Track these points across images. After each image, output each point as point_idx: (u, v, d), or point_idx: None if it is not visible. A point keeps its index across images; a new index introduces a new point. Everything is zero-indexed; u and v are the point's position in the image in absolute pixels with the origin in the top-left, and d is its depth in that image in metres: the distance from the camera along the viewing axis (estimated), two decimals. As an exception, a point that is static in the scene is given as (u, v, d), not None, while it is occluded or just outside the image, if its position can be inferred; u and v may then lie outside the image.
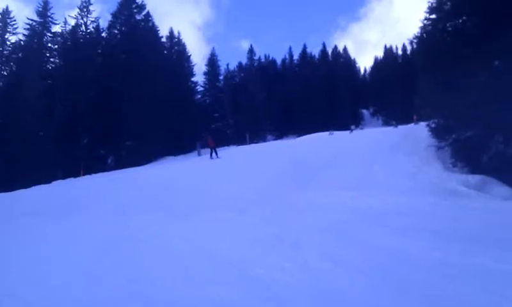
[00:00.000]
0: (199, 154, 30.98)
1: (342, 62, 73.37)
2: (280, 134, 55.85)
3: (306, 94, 56.52)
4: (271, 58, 69.40)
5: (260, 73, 59.41)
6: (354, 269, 4.46)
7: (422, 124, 14.66)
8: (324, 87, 57.29)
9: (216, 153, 22.44)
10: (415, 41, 12.59)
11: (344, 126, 36.88)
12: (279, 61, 70.39)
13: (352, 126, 38.70)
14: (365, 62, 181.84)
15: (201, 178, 13.76)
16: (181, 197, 10.99)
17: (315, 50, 76.70)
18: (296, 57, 69.10)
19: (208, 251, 5.66)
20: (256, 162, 14.64)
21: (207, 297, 3.93)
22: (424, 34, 11.98)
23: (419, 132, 14.58)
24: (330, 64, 66.99)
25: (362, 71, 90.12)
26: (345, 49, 79.83)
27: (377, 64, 79.13)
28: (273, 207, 8.53)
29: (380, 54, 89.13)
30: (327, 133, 31.26)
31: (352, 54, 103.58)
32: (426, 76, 11.88)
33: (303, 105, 55.52)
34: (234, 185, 11.32)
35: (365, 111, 74.34)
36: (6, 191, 21.17)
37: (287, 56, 70.06)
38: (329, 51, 72.43)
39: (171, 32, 53.93)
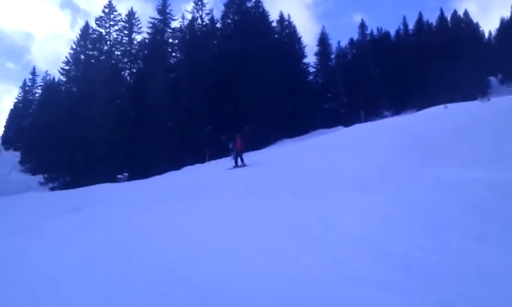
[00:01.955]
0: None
1: (463, 27, 67.07)
2: (397, 110, 53.15)
3: (423, 66, 52.77)
4: (383, 31, 65.90)
5: (373, 48, 56.96)
6: (504, 248, 4.15)
7: None
8: (443, 56, 52.90)
9: (242, 160, 17.91)
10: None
11: (468, 97, 33.80)
12: (392, 33, 66.74)
13: (483, 98, 35.14)
14: (489, 25, 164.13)
15: (320, 157, 13.64)
16: (302, 178, 11.02)
17: (432, 18, 71.34)
18: (411, 26, 64.97)
19: (340, 229, 5.69)
20: (374, 139, 14.06)
21: (348, 274, 3.96)
22: None
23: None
24: (450, 30, 61.68)
25: (487, 35, 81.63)
26: (466, 13, 72.87)
27: (504, 25, 70.95)
28: (398, 185, 8.18)
29: (507, 14, 79.53)
30: (442, 106, 29.07)
31: (474, 17, 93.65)
32: None
33: (420, 78, 51.99)
34: (354, 164, 11.04)
35: (492, 79, 67.25)
36: (143, 178, 23.50)
37: (401, 27, 66.04)
38: (448, 17, 66.89)
39: (281, 15, 54.23)
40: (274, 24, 51.26)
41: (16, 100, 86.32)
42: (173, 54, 46.51)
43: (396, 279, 3.71)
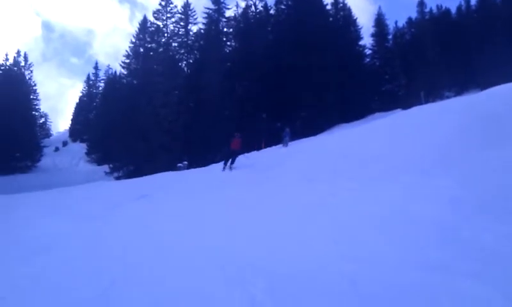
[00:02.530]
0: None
1: (531, 0, 62.38)
2: (459, 89, 50.56)
3: (487, 43, 49.74)
4: (444, 8, 62.78)
5: (432, 27, 54.41)
6: None
7: None
8: (509, 33, 49.51)
9: (233, 162, 16.78)
10: None
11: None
12: (453, 11, 63.39)
13: None
14: None
15: (378, 142, 13.26)
16: (361, 163, 10.72)
17: (495, -8, 66.79)
18: (473, 2, 61.39)
19: (407, 214, 5.53)
20: (435, 121, 13.42)
21: (420, 260, 3.88)
22: None
23: None
24: (516, 5, 57.68)
25: None
26: (534, -16, 67.76)
27: None
28: (463, 167, 7.69)
29: None
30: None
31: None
32: None
33: (484, 56, 49.00)
34: (415, 147, 10.61)
35: None
36: (202, 166, 24.06)
37: (463, 3, 62.64)
38: (514, -10, 62.50)
39: (336, -3, 52.94)
40: (328, 7, 50.14)
41: (81, 94, 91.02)
42: (228, 43, 46.95)
43: (468, 264, 3.61)
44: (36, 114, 66.26)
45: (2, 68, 58.36)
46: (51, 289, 4.07)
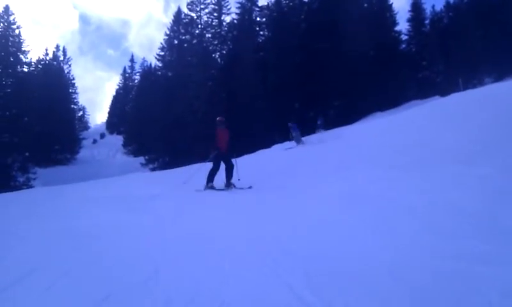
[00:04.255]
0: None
1: None
2: (500, 76, 48.44)
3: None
4: (483, -10, 60.28)
5: (472, 9, 52.33)
6: None
7: None
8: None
9: (228, 176, 11.10)
10: None
11: None
12: (494, -8, 60.69)
13: None
14: None
15: (416, 130, 12.91)
16: (398, 152, 10.51)
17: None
18: (515, -17, 58.61)
19: (447, 204, 5.36)
20: (475, 108, 12.98)
21: (459, 250, 3.81)
22: None
23: None
24: None
25: None
26: None
27: None
28: (504, 156, 7.36)
29: None
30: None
31: None
32: None
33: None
34: (454, 136, 10.24)
35: None
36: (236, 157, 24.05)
37: (503, -15, 59.92)
38: None
39: (371, -18, 51.66)
40: (362, -7, 49.10)
41: (117, 87, 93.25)
42: (261, 33, 46.83)
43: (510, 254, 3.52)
44: (75, 107, 68.62)
45: (42, 62, 60.36)
46: (101, 274, 4.19)
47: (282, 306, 3.12)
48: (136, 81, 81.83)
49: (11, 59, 41.52)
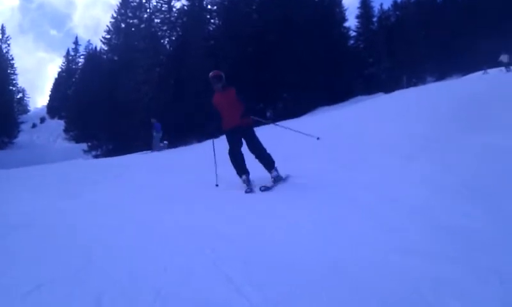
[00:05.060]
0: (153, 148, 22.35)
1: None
2: (441, 75, 50.73)
3: (471, 27, 49.74)
4: (429, -9, 62.84)
5: (417, 10, 54.48)
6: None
7: None
8: (492, 18, 49.17)
9: (261, 156, 7.34)
10: None
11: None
12: (439, -6, 63.42)
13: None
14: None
15: (359, 125, 13.06)
16: (340, 146, 10.40)
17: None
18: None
19: (388, 198, 5.46)
20: (417, 105, 13.53)
21: (398, 243, 3.91)
22: None
23: None
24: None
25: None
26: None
27: None
28: (444, 152, 7.70)
29: None
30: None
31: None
32: None
33: (468, 42, 49.06)
34: (396, 131, 10.42)
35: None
36: (183, 145, 23.69)
37: (448, -13, 62.72)
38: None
39: (321, -22, 52.31)
40: (314, -12, 49.65)
41: (60, 70, 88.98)
42: (212, 21, 46.14)
43: (445, 248, 3.66)
44: (13, 89, 64.82)
45: (-22, 41, 56.62)
46: (27, 264, 4.04)
47: (219, 296, 3.05)
48: (80, 64, 78.49)
49: None
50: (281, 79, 38.26)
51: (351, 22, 56.64)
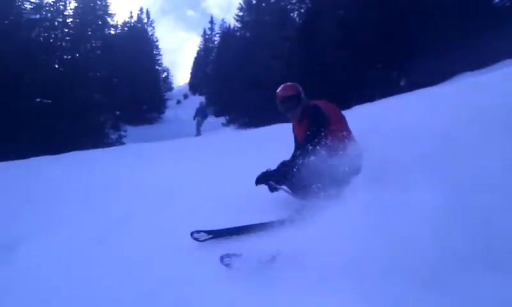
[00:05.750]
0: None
1: None
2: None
3: None
4: None
5: None
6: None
7: None
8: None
9: None
10: None
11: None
12: None
13: None
14: None
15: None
16: None
17: None
18: None
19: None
20: None
21: None
22: None
23: None
24: None
25: None
26: None
27: None
28: None
29: None
30: None
31: None
32: None
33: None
34: None
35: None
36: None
37: None
38: None
39: None
40: None
41: (198, 48, 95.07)
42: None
43: None
44: (159, 68, 71.12)
45: (127, 25, 63.05)
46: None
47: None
48: (216, 42, 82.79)
49: (99, 23, 43.20)
50: (413, 46, 35.88)
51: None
